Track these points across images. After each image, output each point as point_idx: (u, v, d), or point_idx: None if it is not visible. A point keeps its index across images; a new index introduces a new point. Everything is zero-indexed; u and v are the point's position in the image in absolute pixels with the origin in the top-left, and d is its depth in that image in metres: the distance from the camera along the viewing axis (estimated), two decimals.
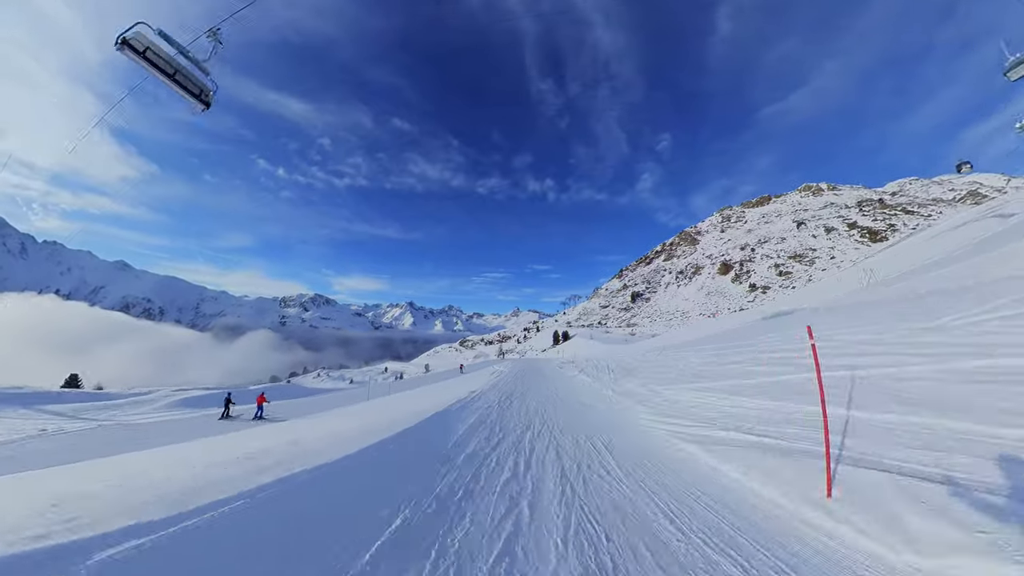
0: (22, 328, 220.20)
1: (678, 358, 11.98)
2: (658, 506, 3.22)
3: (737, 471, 3.86)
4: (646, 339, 63.48)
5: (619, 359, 18.02)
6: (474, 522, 2.93)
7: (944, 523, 2.40)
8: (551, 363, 29.63)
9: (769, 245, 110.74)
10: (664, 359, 12.83)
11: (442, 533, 2.73)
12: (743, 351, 9.06)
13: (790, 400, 5.10)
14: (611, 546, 2.60)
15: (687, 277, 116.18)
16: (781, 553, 2.50)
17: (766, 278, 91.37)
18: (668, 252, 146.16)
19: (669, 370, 10.42)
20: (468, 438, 5.69)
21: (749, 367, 7.43)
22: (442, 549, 2.55)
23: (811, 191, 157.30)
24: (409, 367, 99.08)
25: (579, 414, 7.56)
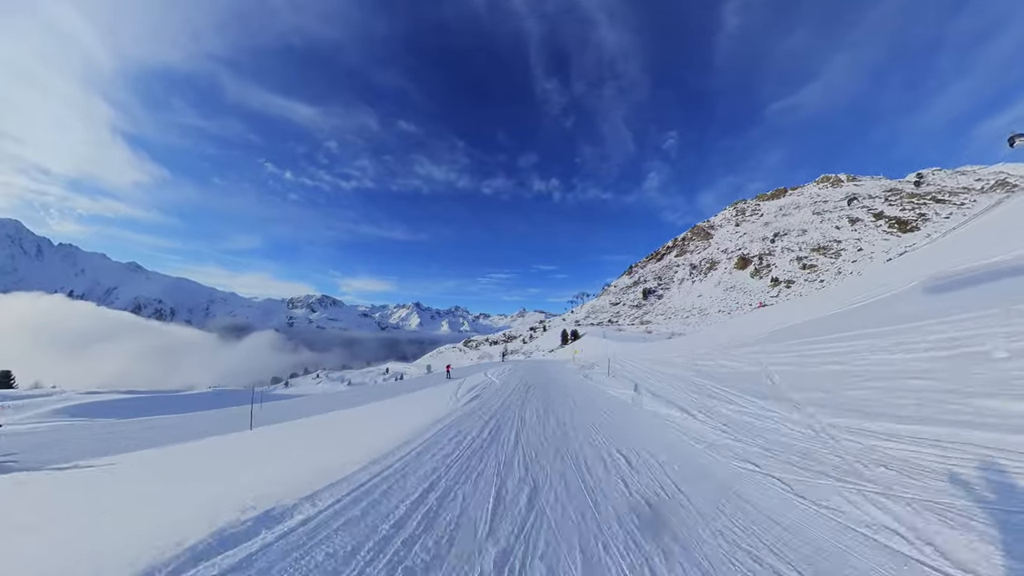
0: (31, 327, 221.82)
1: (777, 362, 7.69)
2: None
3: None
4: (664, 338, 58.69)
5: (665, 358, 13.70)
6: None
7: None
8: (563, 366, 24.47)
9: (789, 238, 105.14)
10: (745, 365, 8.54)
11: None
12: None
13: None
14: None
15: (702, 272, 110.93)
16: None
17: (789, 272, 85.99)
18: (680, 247, 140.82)
19: (808, 381, 6.14)
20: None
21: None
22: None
23: (830, 182, 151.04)
24: (411, 368, 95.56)
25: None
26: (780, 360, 8.30)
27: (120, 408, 14.37)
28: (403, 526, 3.17)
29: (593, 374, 14.24)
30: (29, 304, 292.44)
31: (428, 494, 3.84)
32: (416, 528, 3.14)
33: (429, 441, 5.84)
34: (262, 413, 12.31)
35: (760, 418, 5.82)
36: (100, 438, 9.56)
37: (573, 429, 6.59)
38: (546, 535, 3.08)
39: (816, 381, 6.32)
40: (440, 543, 2.94)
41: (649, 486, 4.01)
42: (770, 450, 4.68)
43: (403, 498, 3.71)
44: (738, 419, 6.03)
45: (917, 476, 3.33)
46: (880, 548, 2.64)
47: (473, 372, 23.63)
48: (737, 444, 5.07)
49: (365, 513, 3.35)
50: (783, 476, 3.95)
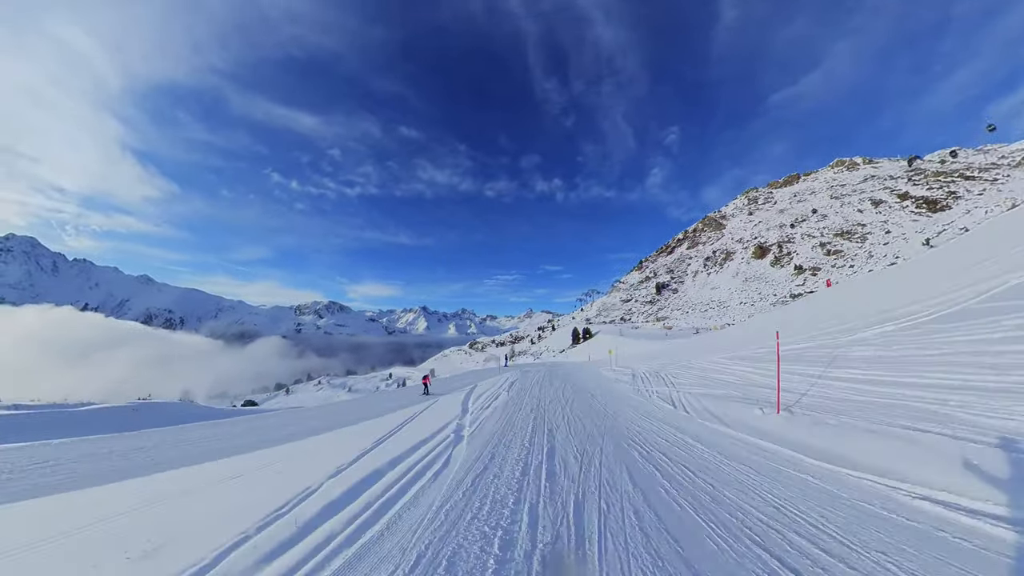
0: (41, 339, 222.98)
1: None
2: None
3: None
4: (687, 334, 54.38)
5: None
6: None
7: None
8: (597, 374, 18.26)
9: (808, 224, 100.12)
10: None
11: None
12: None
13: None
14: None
15: (717, 264, 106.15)
16: None
17: (812, 259, 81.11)
18: (692, 239, 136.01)
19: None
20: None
21: None
22: None
23: (845, 166, 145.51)
24: (415, 372, 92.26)
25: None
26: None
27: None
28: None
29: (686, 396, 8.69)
30: (39, 316, 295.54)
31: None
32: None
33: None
34: (161, 447, 8.58)
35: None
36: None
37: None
38: None
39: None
40: None
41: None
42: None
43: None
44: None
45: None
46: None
47: (461, 385, 16.62)
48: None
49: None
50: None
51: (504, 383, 14.29)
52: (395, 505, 4.20)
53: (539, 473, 4.93)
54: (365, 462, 5.61)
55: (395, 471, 5.21)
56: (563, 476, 4.79)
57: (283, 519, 3.77)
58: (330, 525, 3.69)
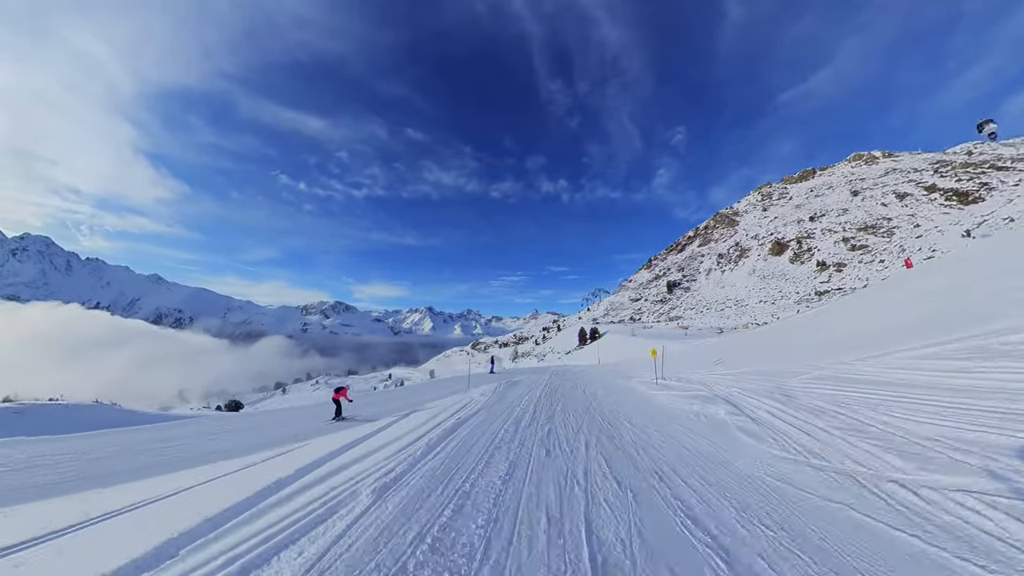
0: (48, 336, 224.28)
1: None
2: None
3: None
4: (708, 334, 50.31)
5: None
6: None
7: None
8: (619, 385, 13.56)
9: (829, 218, 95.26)
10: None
11: None
12: None
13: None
14: None
15: (731, 261, 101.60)
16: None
17: (836, 254, 76.45)
18: (703, 236, 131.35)
19: None
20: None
21: None
22: None
23: (863, 160, 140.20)
24: (415, 373, 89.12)
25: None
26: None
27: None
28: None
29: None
30: (45, 313, 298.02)
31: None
32: None
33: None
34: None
35: None
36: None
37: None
38: None
39: None
40: None
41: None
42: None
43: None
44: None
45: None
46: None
47: (403, 406, 11.28)
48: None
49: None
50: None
51: (467, 409, 9.64)
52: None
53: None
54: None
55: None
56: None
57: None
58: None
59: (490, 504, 4.17)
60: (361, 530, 3.66)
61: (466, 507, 4.12)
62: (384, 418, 9.46)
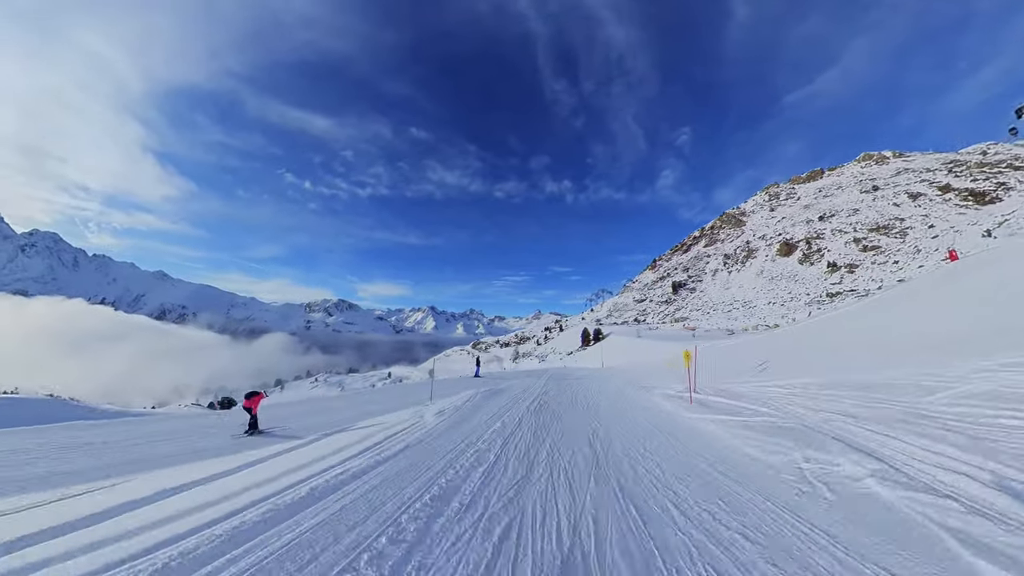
0: (52, 331, 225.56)
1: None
2: None
3: None
4: (717, 336, 48.61)
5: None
6: None
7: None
8: (640, 402, 10.75)
9: (839, 219, 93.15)
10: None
11: None
12: None
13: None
14: None
15: (738, 262, 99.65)
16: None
17: (847, 255, 74.45)
18: (709, 237, 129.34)
19: None
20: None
21: None
22: None
23: (873, 160, 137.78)
24: (415, 372, 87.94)
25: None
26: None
27: None
28: None
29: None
30: (49, 308, 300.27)
31: None
32: None
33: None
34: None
35: None
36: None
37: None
38: None
39: None
40: None
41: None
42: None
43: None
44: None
45: None
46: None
47: (341, 420, 9.32)
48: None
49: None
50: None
51: (393, 443, 6.75)
52: None
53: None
54: None
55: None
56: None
57: None
58: None
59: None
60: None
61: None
62: (306, 436, 7.63)
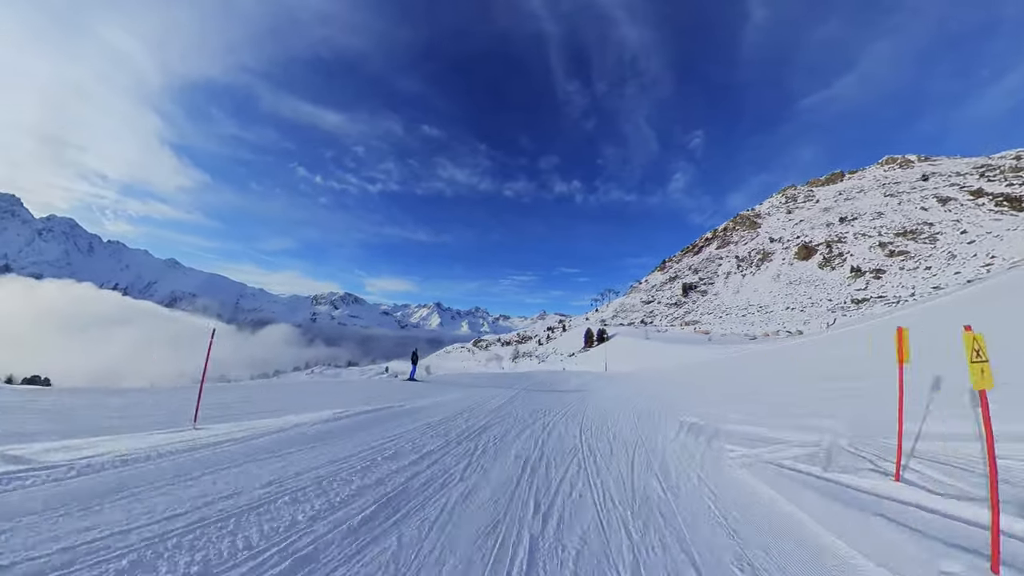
0: (62, 314, 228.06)
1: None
2: None
3: None
4: (735, 340, 44.95)
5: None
6: None
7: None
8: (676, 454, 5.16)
9: (862, 222, 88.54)
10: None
11: None
12: None
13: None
14: None
15: (752, 265, 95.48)
16: None
17: (871, 260, 70.15)
18: (722, 239, 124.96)
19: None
20: None
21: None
22: None
23: (897, 163, 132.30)
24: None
25: None
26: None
27: None
28: None
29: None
30: (59, 291, 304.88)
31: None
32: None
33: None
34: None
35: None
36: None
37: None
38: None
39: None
40: None
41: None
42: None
43: None
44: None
45: None
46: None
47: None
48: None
49: None
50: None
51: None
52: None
53: None
54: None
55: None
56: None
57: None
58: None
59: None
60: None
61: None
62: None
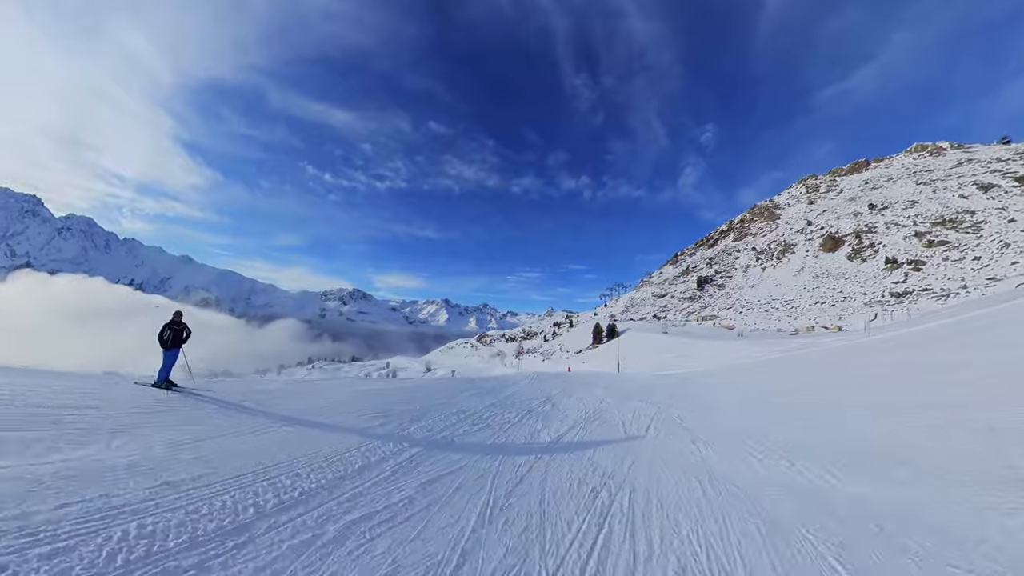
0: (72, 308, 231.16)
1: None
2: None
3: None
4: (769, 336, 40.40)
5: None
6: None
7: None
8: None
9: (893, 211, 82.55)
10: None
11: None
12: None
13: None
14: None
15: (773, 257, 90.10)
16: None
17: (908, 251, 64.65)
18: (739, 230, 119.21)
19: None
20: None
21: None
22: None
23: (927, 151, 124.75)
24: (414, 363, 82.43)
25: None
26: None
27: None
28: None
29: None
30: (71, 285, 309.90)
31: None
32: None
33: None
34: None
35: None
36: None
37: None
38: None
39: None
40: None
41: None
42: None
43: None
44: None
45: None
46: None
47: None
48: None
49: None
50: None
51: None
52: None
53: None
54: None
55: None
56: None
57: None
58: None
59: None
60: None
61: None
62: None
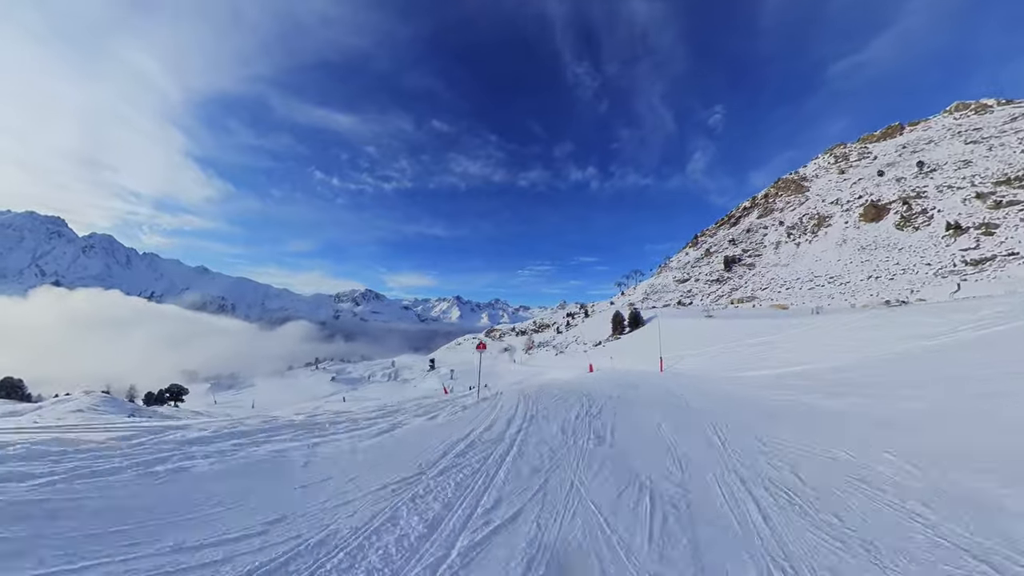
0: (88, 320, 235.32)
1: None
2: None
3: None
4: (846, 310, 33.75)
5: None
6: None
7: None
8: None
9: (943, 174, 74.30)
10: None
11: None
12: None
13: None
14: None
15: (807, 232, 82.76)
16: None
17: (971, 214, 57.14)
18: (764, 206, 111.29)
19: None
20: None
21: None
22: None
23: (971, 109, 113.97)
24: (417, 361, 78.02)
25: None
26: None
27: None
28: None
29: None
30: (87, 299, 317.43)
31: None
32: None
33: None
34: None
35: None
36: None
37: None
38: None
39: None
40: None
41: None
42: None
43: None
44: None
45: None
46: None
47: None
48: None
49: None
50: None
51: None
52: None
53: None
54: None
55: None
56: None
57: None
58: None
59: None
60: None
61: None
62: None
